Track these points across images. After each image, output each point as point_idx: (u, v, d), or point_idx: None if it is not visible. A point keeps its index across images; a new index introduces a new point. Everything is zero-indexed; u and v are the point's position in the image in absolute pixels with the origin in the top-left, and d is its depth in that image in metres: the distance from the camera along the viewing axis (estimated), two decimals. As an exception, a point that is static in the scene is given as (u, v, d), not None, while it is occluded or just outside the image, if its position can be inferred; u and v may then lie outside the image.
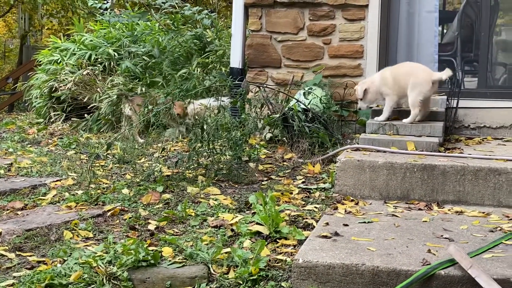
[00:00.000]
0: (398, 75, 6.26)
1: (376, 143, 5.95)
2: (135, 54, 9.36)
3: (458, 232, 4.29)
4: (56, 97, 9.40)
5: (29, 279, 3.76)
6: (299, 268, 3.66)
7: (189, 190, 5.46)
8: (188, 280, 3.77)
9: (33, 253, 4.24)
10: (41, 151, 7.46)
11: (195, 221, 4.72)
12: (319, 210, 4.95)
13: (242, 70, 7.96)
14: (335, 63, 7.62)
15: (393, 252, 3.80)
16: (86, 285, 3.73)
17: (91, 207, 5.15)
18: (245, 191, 5.49)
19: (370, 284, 3.56)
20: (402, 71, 6.29)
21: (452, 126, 6.95)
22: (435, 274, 3.47)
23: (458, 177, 5.16)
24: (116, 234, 4.51)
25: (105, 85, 8.84)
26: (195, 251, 4.03)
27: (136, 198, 5.31)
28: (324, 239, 4.04)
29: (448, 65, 7.90)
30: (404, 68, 6.36)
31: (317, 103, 6.92)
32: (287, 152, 6.72)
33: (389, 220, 4.62)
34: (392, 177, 5.28)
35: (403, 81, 6.20)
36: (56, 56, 9.82)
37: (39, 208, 5.19)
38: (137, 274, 3.82)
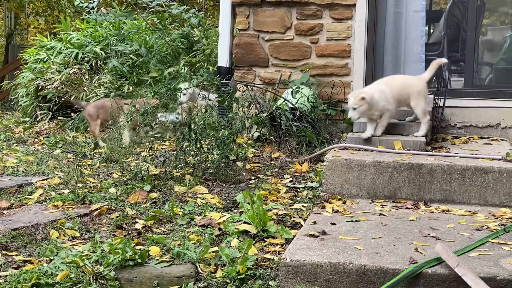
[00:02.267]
0: (395, 89, 6.15)
1: (364, 142, 5.96)
2: (122, 53, 9.33)
3: (445, 231, 4.31)
4: (42, 96, 9.35)
5: (15, 279, 3.73)
6: (287, 267, 3.66)
7: (177, 189, 5.45)
8: (175, 279, 3.77)
9: (19, 253, 4.21)
10: (27, 150, 7.42)
11: (182, 220, 4.70)
12: (306, 209, 4.95)
13: (230, 69, 7.95)
14: (323, 62, 7.63)
15: (381, 251, 3.81)
16: (72, 284, 3.71)
17: (78, 206, 5.13)
18: (232, 190, 5.48)
19: (357, 282, 3.56)
20: (398, 85, 6.20)
21: (439, 125, 6.98)
22: (422, 272, 3.48)
23: (445, 176, 5.18)
24: (103, 233, 4.49)
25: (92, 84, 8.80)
26: (182, 250, 4.02)
27: (123, 197, 5.29)
28: (312, 238, 4.05)
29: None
30: (398, 81, 6.30)
31: (304, 102, 6.93)
32: (275, 151, 6.72)
33: (377, 219, 4.63)
34: (379, 176, 5.29)
35: (403, 94, 6.16)
36: (42, 55, 9.77)
37: (26, 207, 5.16)
38: (124, 273, 3.80)
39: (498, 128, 7.04)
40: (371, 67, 7.47)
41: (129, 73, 9.06)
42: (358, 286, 3.56)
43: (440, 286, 3.46)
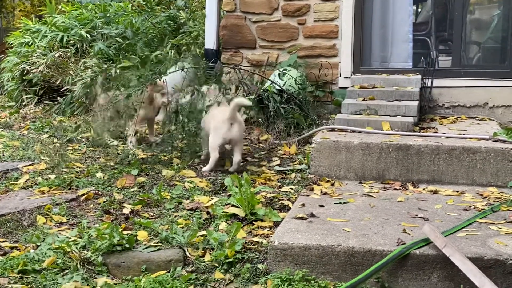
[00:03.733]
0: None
1: (352, 124, 5.96)
2: (108, 35, 9.23)
3: (432, 211, 4.31)
4: (28, 80, 9.25)
5: (1, 265, 3.72)
6: (275, 250, 3.65)
7: (164, 173, 5.42)
8: (163, 264, 3.75)
9: (5, 239, 4.18)
10: (13, 135, 7.36)
11: (170, 204, 4.68)
12: (295, 192, 4.94)
13: (217, 51, 7.90)
14: (310, 43, 7.59)
15: (369, 232, 3.80)
16: (60, 270, 3.70)
17: (65, 191, 5.09)
18: (220, 173, 5.46)
19: (346, 264, 3.56)
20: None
21: (427, 105, 6.98)
22: (410, 253, 3.48)
23: (432, 157, 5.18)
24: (90, 219, 4.47)
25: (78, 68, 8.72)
26: (170, 234, 4.01)
27: (111, 182, 5.26)
28: (300, 221, 4.04)
29: (422, 44, 7.96)
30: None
31: (292, 84, 6.90)
32: (263, 133, 6.70)
33: (365, 200, 4.62)
34: (367, 158, 5.29)
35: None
36: (27, 38, 9.66)
37: (11, 193, 5.12)
38: (112, 258, 3.79)
39: (486, 108, 7.04)
40: (358, 48, 7.44)
41: (116, 56, 8.97)
42: (346, 268, 3.56)
43: (428, 267, 3.46)
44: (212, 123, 5.56)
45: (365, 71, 7.35)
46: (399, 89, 6.61)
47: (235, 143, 5.52)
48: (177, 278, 3.61)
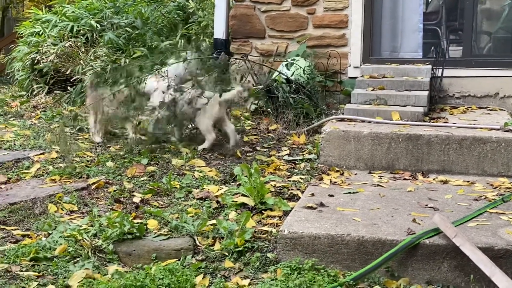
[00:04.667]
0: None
1: (361, 113, 5.95)
2: (118, 25, 9.23)
3: (443, 201, 4.31)
4: (38, 70, 9.27)
5: (13, 253, 3.74)
6: (285, 239, 3.66)
7: (174, 162, 5.44)
8: (173, 252, 3.77)
9: (17, 227, 4.21)
10: (24, 124, 7.39)
11: (180, 193, 4.70)
12: (304, 181, 4.95)
13: (226, 41, 7.89)
14: (319, 33, 7.57)
15: (378, 222, 3.81)
16: (71, 258, 3.73)
17: (75, 180, 5.12)
18: (230, 163, 5.48)
19: (355, 254, 3.57)
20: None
21: (437, 95, 6.95)
22: (420, 243, 3.48)
23: (443, 147, 5.17)
24: (101, 207, 4.49)
25: (88, 57, 8.73)
26: (180, 223, 4.02)
27: (121, 171, 5.28)
28: (310, 210, 4.05)
29: (432, 34, 7.93)
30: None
31: (300, 73, 6.88)
32: (272, 123, 6.70)
33: (374, 190, 4.63)
34: (377, 147, 5.28)
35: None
36: (37, 28, 9.67)
37: (23, 181, 5.15)
38: (122, 247, 3.81)
39: (497, 98, 7.01)
40: (368, 38, 7.42)
41: (125, 45, 8.98)
42: (356, 258, 3.57)
43: (438, 257, 3.46)
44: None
45: (375, 61, 7.33)
46: (409, 79, 6.59)
47: (223, 120, 5.87)
48: (187, 266, 3.63)
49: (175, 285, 3.38)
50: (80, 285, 3.39)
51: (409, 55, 7.50)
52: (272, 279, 3.44)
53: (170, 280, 3.41)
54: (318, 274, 3.46)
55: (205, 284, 3.45)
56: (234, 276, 3.56)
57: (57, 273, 3.57)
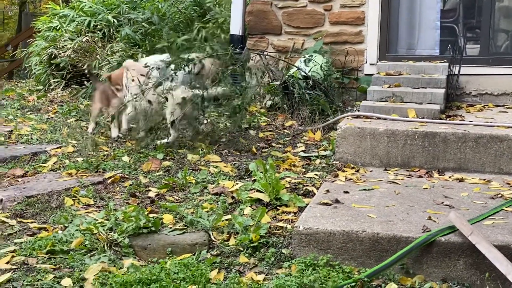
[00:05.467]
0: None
1: (377, 111, 5.93)
2: (135, 21, 9.27)
3: (458, 199, 4.29)
4: (55, 64, 9.34)
5: (30, 246, 3.77)
6: (300, 235, 3.66)
7: (189, 158, 5.46)
8: (188, 247, 3.79)
9: (34, 220, 4.25)
10: (41, 118, 7.44)
11: (195, 188, 4.72)
12: (319, 178, 4.95)
13: (243, 37, 7.90)
14: (336, 29, 7.55)
15: (394, 219, 3.80)
16: (87, 251, 3.75)
17: (92, 174, 5.15)
18: (245, 159, 5.48)
19: (370, 251, 3.56)
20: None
21: (454, 93, 6.92)
22: (435, 240, 3.47)
23: (459, 144, 5.15)
24: (116, 201, 4.52)
25: (104, 52, 8.78)
26: (195, 218, 4.04)
27: (137, 166, 5.30)
28: (325, 206, 4.05)
29: (450, 31, 7.88)
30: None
31: (317, 70, 6.88)
32: (288, 119, 6.70)
33: (390, 187, 4.62)
34: (393, 145, 5.27)
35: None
36: (55, 23, 9.73)
37: (40, 175, 5.19)
38: (138, 241, 3.83)
39: (514, 96, 6.97)
40: (385, 35, 7.40)
41: (142, 41, 9.02)
42: (371, 254, 3.56)
43: (453, 254, 3.45)
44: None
45: (391, 58, 7.30)
46: (425, 76, 6.57)
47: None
48: (202, 261, 3.64)
49: (190, 279, 3.39)
50: (96, 278, 3.41)
51: (426, 53, 7.47)
52: (287, 275, 3.45)
53: (185, 274, 3.42)
54: (333, 270, 3.46)
55: (220, 278, 3.46)
56: (249, 271, 3.56)
57: (73, 266, 3.60)
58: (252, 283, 3.36)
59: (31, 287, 3.36)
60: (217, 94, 5.94)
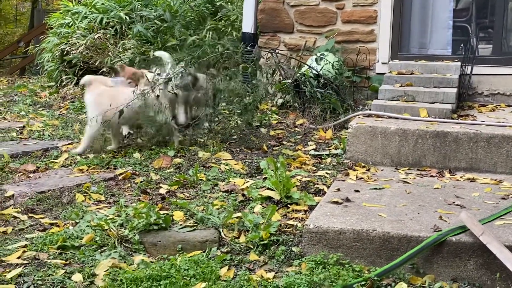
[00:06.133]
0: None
1: (389, 110, 5.92)
2: (147, 18, 9.30)
3: (470, 199, 4.27)
4: (67, 61, 9.38)
5: (41, 241, 3.79)
6: (310, 233, 3.66)
7: (200, 155, 5.46)
8: (199, 244, 3.79)
9: (45, 215, 4.27)
10: (53, 114, 7.47)
11: (206, 185, 4.72)
12: (330, 176, 4.94)
13: (255, 35, 7.90)
14: (348, 28, 7.54)
15: (404, 218, 3.79)
16: (98, 247, 3.76)
17: (103, 170, 5.17)
18: (256, 156, 5.48)
19: (380, 250, 3.56)
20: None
21: (466, 93, 6.89)
22: (446, 240, 3.46)
23: (470, 144, 5.13)
24: (127, 198, 4.53)
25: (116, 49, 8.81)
26: (206, 215, 4.04)
27: (148, 162, 5.31)
28: (335, 205, 4.04)
29: (462, 31, 7.85)
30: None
31: (329, 69, 6.87)
32: (299, 118, 6.69)
33: (401, 186, 4.61)
34: (404, 144, 5.26)
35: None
36: (67, 20, 9.78)
37: (51, 171, 5.21)
38: (148, 237, 3.84)
39: (526, 96, 6.94)
40: (397, 34, 7.38)
41: (154, 38, 9.04)
42: (381, 253, 3.56)
43: (464, 254, 3.44)
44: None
45: (403, 57, 7.29)
46: (437, 75, 6.55)
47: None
48: (212, 258, 3.64)
49: (200, 276, 3.40)
50: (106, 274, 3.42)
51: (438, 52, 7.45)
52: (297, 273, 3.45)
53: (195, 271, 3.43)
54: (343, 269, 3.46)
55: (230, 276, 3.46)
56: (259, 269, 3.57)
57: (83, 261, 3.61)
58: (262, 281, 3.36)
59: (42, 282, 3.37)
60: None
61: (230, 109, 6.40)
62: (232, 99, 6.07)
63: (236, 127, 6.22)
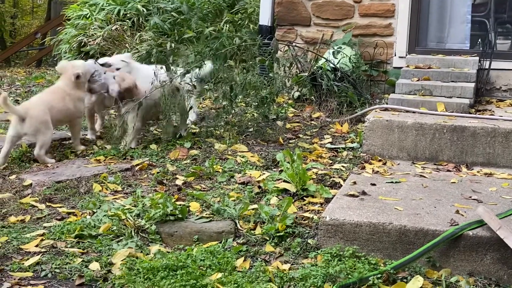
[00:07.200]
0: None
1: (406, 104, 5.90)
2: (164, 10, 9.30)
3: (487, 194, 4.25)
4: (85, 52, 9.41)
5: (59, 230, 3.83)
6: (326, 225, 3.66)
7: (217, 147, 5.47)
8: (215, 235, 3.81)
9: (63, 205, 4.30)
10: (70, 105, 7.49)
11: (222, 177, 4.73)
12: (346, 169, 4.94)
13: (271, 27, 7.89)
14: (366, 22, 7.52)
15: (421, 212, 3.78)
16: (115, 236, 3.79)
17: (120, 161, 5.19)
18: (272, 149, 5.49)
19: (397, 243, 3.55)
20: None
21: (484, 87, 6.86)
22: (463, 234, 3.45)
23: (488, 139, 5.10)
24: (144, 188, 4.55)
25: (133, 41, 8.83)
26: (222, 206, 4.05)
27: (164, 154, 5.33)
28: (352, 198, 4.04)
29: (480, 26, 7.80)
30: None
31: (346, 62, 6.85)
32: (315, 111, 6.69)
33: (417, 180, 4.59)
34: (421, 138, 5.24)
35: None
36: (85, 11, 9.81)
37: (68, 161, 5.25)
38: (164, 227, 3.86)
39: (545, 92, 6.89)
40: (415, 28, 7.34)
41: (171, 30, 9.05)
42: (397, 247, 3.55)
43: (481, 249, 3.43)
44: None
45: (421, 51, 7.25)
46: (455, 70, 6.51)
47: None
48: (228, 249, 3.66)
49: (216, 266, 3.41)
50: (123, 263, 3.45)
51: (456, 46, 7.40)
52: (313, 265, 3.45)
53: (211, 261, 3.45)
54: (359, 261, 3.46)
55: (246, 267, 3.48)
56: (275, 260, 3.57)
57: (101, 250, 3.64)
58: (277, 272, 3.37)
59: (60, 270, 3.41)
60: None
61: (246, 101, 6.40)
62: (249, 92, 6.07)
63: (252, 120, 6.22)
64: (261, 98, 6.02)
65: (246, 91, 6.03)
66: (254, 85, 6.01)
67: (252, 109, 6.38)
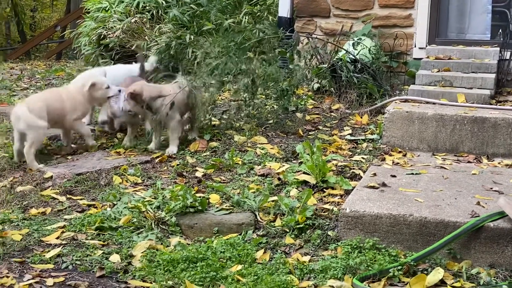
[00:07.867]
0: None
1: (426, 95, 5.86)
2: (183, 2, 9.29)
3: (508, 185, 4.22)
4: (104, 45, 9.44)
5: (79, 222, 3.86)
6: (346, 217, 3.66)
7: (236, 139, 5.47)
8: (235, 227, 3.82)
9: (83, 197, 4.33)
10: (90, 98, 7.53)
11: (242, 169, 4.74)
12: (366, 161, 4.92)
13: (291, 19, 7.86)
14: (385, 13, 7.46)
15: (441, 203, 3.76)
16: (135, 228, 3.81)
17: (140, 153, 5.21)
18: (292, 141, 5.48)
19: (417, 234, 3.54)
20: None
21: (505, 78, 6.78)
22: (484, 226, 3.43)
23: (509, 130, 5.06)
24: (164, 180, 4.57)
25: (153, 33, 8.83)
26: (242, 198, 4.06)
27: (184, 146, 5.34)
28: (372, 190, 4.03)
29: (501, 16, 7.71)
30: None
31: (366, 53, 6.81)
32: (335, 102, 6.66)
33: (437, 172, 4.57)
34: (441, 129, 5.21)
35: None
36: (104, 4, 9.82)
37: (88, 153, 5.28)
38: (184, 219, 3.88)
39: None
40: (435, 19, 7.28)
41: (190, 22, 9.04)
42: (417, 238, 3.54)
43: (502, 240, 3.41)
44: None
45: (441, 42, 7.19)
46: (475, 61, 6.46)
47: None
48: (248, 241, 3.67)
49: (236, 258, 3.43)
50: (143, 255, 3.47)
51: (477, 37, 7.33)
52: (333, 257, 3.46)
53: (231, 253, 3.46)
54: (379, 253, 3.46)
55: (266, 259, 3.48)
56: (295, 252, 3.58)
57: (121, 242, 3.67)
58: (297, 264, 3.38)
59: (80, 262, 3.44)
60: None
61: (266, 94, 6.39)
62: (269, 85, 6.06)
63: (272, 112, 6.21)
64: (281, 90, 6.01)
65: (267, 84, 6.02)
66: (274, 77, 6.00)
67: (272, 101, 6.36)
